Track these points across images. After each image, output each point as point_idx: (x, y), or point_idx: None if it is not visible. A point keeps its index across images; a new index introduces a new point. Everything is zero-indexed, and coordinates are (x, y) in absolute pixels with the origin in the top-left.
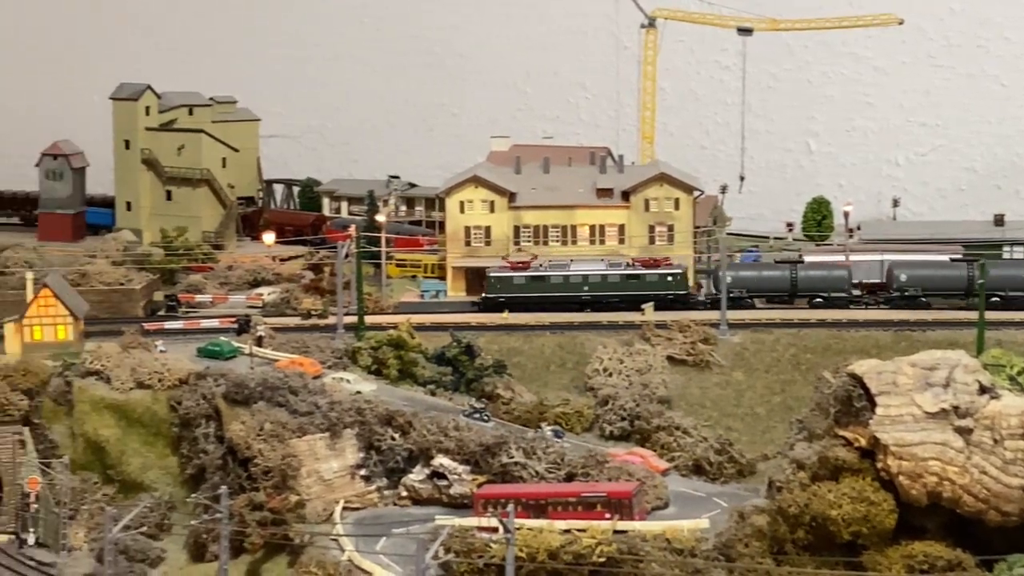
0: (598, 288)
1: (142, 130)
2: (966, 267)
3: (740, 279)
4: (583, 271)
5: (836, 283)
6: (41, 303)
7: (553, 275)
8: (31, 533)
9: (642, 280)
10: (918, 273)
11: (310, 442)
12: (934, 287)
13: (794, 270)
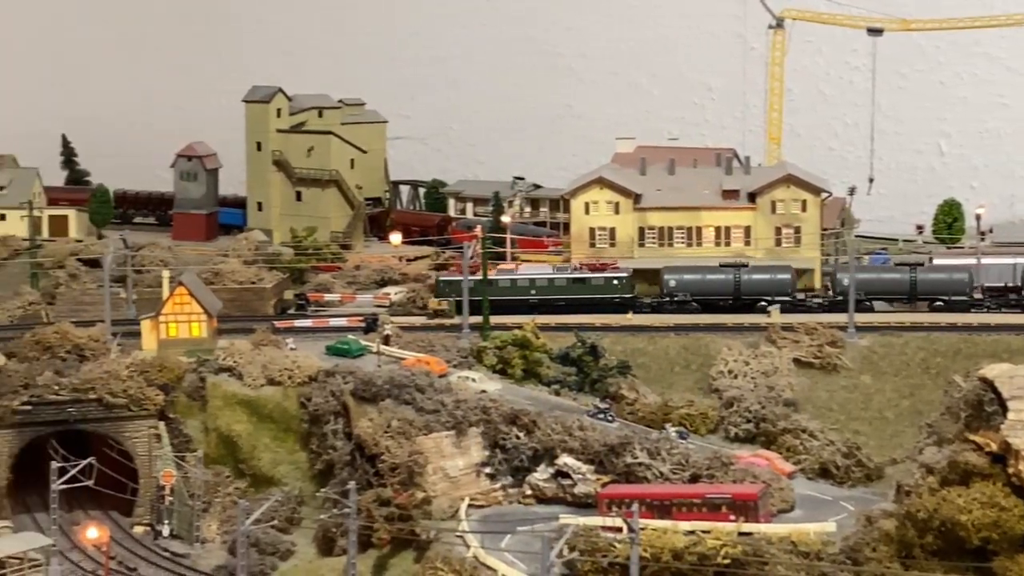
0: (545, 291)
1: (273, 132)
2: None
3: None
4: (530, 275)
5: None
6: (176, 301)
7: (501, 279)
8: (166, 525)
9: (588, 284)
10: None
11: (436, 440)
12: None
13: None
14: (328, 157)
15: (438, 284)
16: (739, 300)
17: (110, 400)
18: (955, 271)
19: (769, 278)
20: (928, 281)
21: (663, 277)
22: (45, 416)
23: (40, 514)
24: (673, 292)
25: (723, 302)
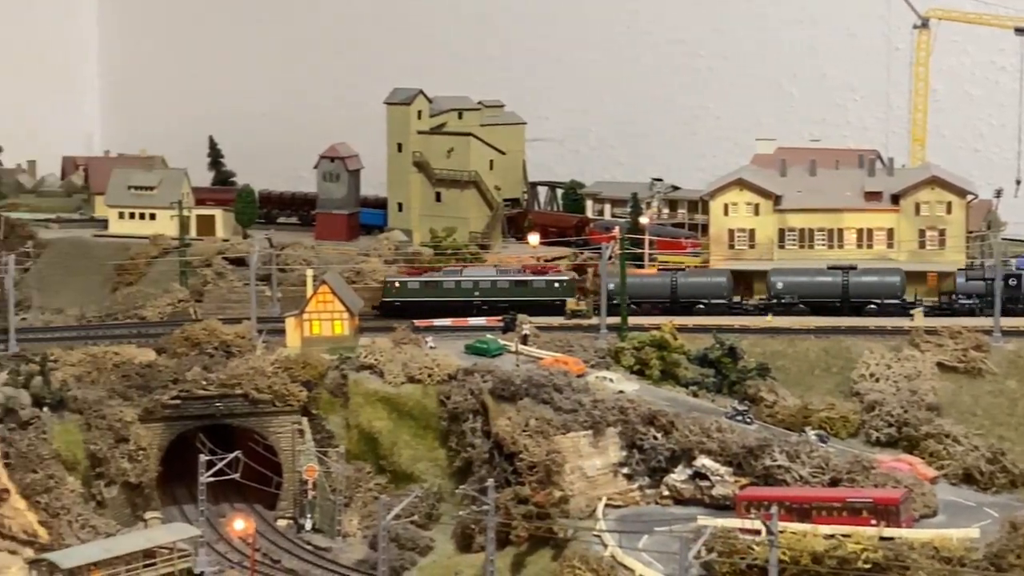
0: (488, 293)
1: (414, 133)
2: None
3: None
4: (474, 277)
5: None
6: (319, 299)
7: (446, 280)
8: (308, 519)
9: (529, 286)
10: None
11: (574, 439)
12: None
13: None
14: (467, 158)
15: (385, 286)
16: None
17: (255, 396)
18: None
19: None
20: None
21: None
22: (193, 410)
23: (187, 506)
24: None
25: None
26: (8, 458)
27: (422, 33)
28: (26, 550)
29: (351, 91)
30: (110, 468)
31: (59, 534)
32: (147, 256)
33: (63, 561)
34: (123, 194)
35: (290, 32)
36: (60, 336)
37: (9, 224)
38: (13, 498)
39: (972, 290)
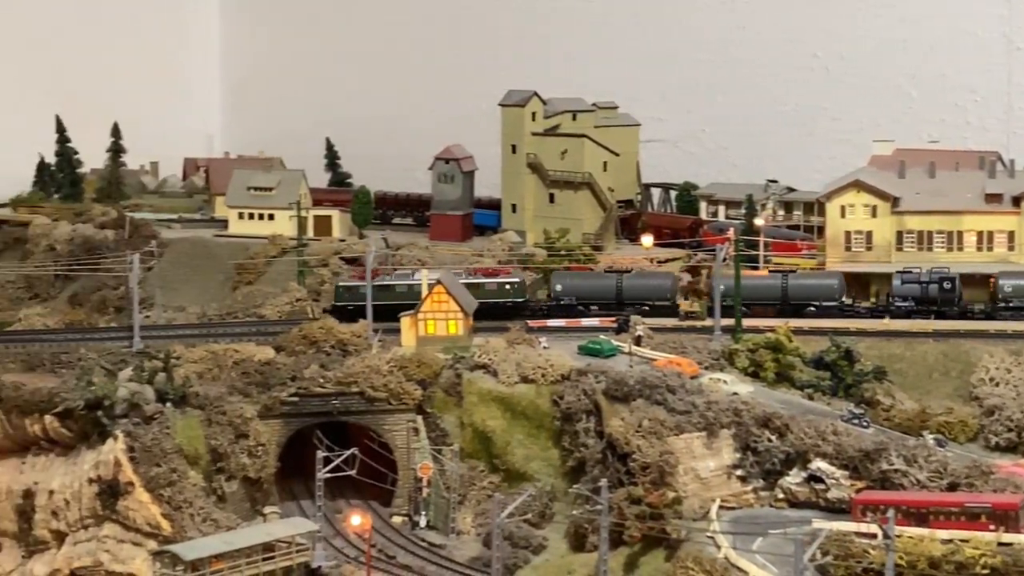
0: None
1: (528, 135)
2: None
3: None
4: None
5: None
6: (434, 299)
7: (398, 284)
8: (422, 516)
9: (482, 288)
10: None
11: (687, 440)
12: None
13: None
14: (581, 160)
15: (337, 289)
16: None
17: (371, 394)
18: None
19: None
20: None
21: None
22: (311, 408)
23: (305, 501)
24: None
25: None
26: (133, 452)
27: (537, 35)
28: (150, 542)
29: (466, 93)
30: (230, 463)
31: (181, 527)
32: (266, 256)
33: (186, 553)
34: (243, 195)
35: (406, 34)
36: (182, 334)
37: (133, 224)
38: (137, 491)
39: (908, 293)
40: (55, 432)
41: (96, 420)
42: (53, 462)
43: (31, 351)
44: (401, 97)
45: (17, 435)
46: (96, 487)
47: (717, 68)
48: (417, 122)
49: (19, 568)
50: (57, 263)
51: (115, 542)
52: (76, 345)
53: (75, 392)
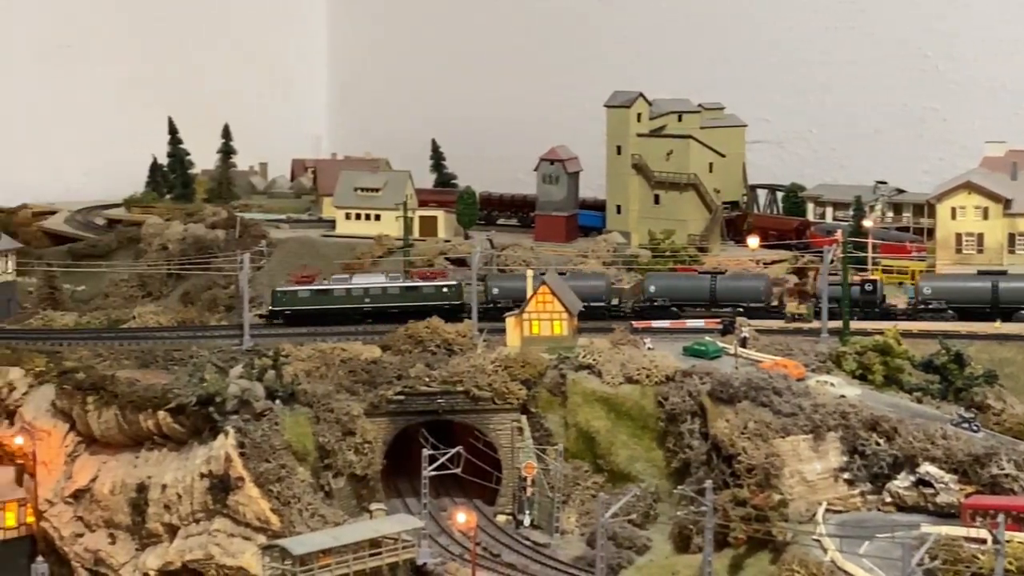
0: (379, 300)
1: (633, 136)
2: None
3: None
4: (364, 284)
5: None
6: (539, 299)
7: (335, 288)
8: (527, 515)
9: (419, 292)
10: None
11: (793, 443)
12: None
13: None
14: (687, 161)
15: (274, 295)
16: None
17: (476, 393)
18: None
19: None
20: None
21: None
22: (416, 406)
23: (410, 499)
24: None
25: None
26: (243, 448)
27: (643, 35)
28: (259, 536)
29: (571, 94)
30: (338, 460)
31: (290, 522)
32: (372, 256)
33: (295, 548)
34: (350, 195)
35: (512, 35)
36: (291, 332)
37: (243, 224)
38: (247, 486)
39: (832, 295)
40: (168, 428)
41: (208, 416)
42: (166, 457)
43: (145, 348)
44: (506, 98)
45: (131, 430)
46: (207, 482)
47: (826, 68)
48: (522, 123)
49: (132, 560)
50: (169, 262)
51: (225, 536)
52: (188, 343)
53: (187, 388)
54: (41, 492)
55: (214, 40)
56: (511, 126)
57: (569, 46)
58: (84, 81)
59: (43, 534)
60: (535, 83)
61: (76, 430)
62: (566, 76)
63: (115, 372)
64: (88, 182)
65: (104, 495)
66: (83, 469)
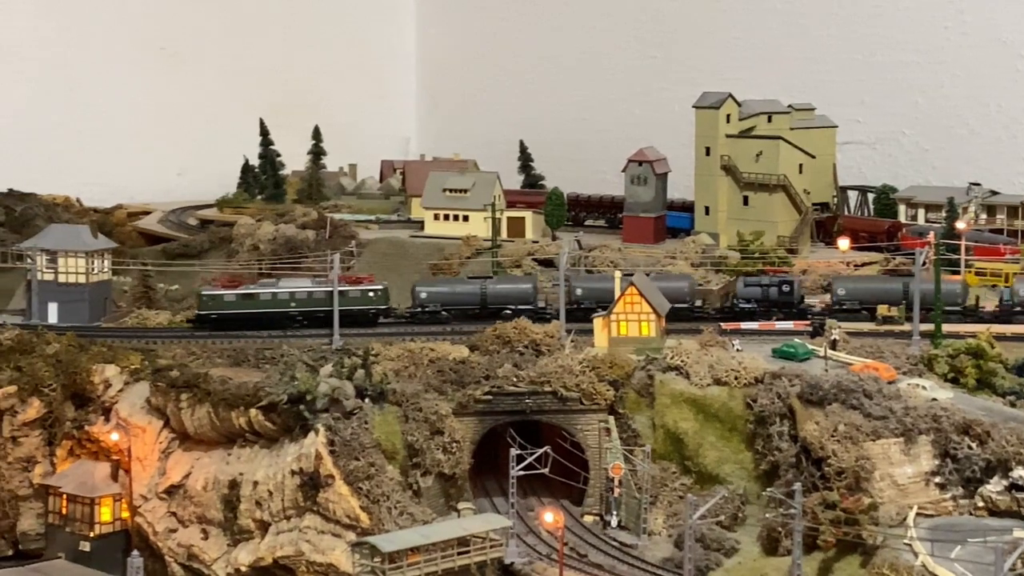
0: (305, 304)
1: (722, 137)
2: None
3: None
4: (290, 288)
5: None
6: (627, 300)
7: (262, 292)
8: (614, 516)
9: (345, 296)
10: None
11: (884, 446)
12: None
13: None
14: (776, 162)
15: (200, 298)
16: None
17: (564, 393)
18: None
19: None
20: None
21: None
22: (504, 406)
23: (497, 498)
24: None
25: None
26: (333, 446)
27: (732, 36)
28: (349, 533)
29: (659, 95)
30: (426, 459)
31: (379, 519)
32: (460, 256)
33: (384, 545)
34: (438, 196)
35: (599, 37)
36: (380, 332)
37: (333, 225)
38: (337, 484)
39: (751, 295)
40: (259, 425)
41: (298, 414)
42: (257, 454)
43: (236, 347)
44: (595, 99)
45: (223, 427)
46: (298, 479)
47: (919, 69)
48: (610, 124)
49: (224, 556)
50: (260, 262)
51: (316, 532)
52: (279, 342)
53: (279, 387)
54: (135, 488)
55: (305, 43)
56: (599, 127)
57: (658, 46)
58: (179, 84)
59: (137, 529)
60: (623, 84)
61: (170, 427)
62: (655, 77)
63: (208, 370)
64: (181, 183)
65: (197, 491)
66: (176, 465)
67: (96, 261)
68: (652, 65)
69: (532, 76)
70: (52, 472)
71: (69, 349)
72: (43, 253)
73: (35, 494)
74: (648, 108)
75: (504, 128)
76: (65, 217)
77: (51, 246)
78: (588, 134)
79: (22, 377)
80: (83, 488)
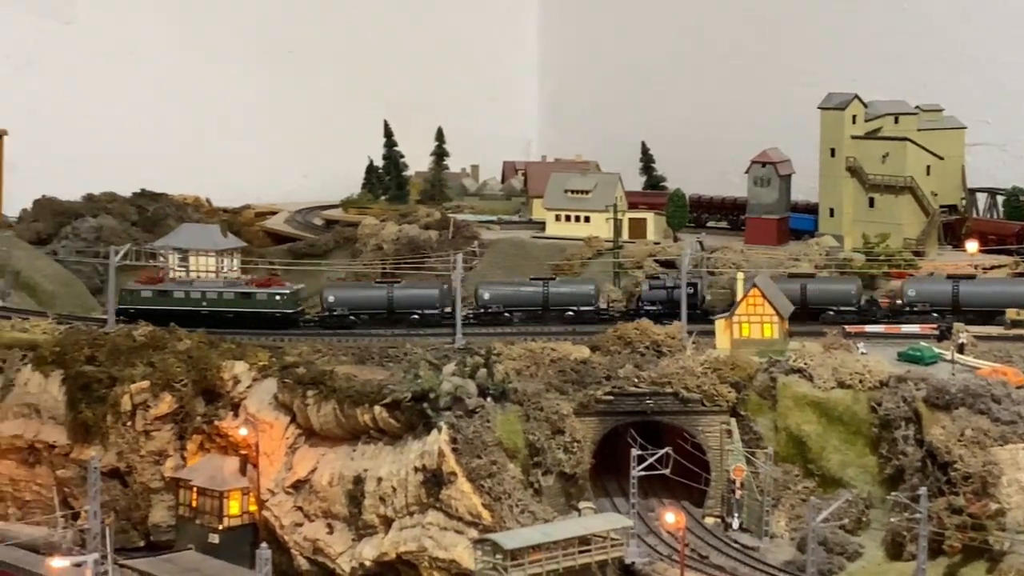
0: (215, 304)
1: (848, 138)
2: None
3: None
4: (202, 288)
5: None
6: (750, 302)
7: (175, 290)
8: (736, 518)
9: (252, 298)
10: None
11: (1012, 451)
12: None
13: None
14: (903, 163)
15: (121, 293)
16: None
17: (685, 395)
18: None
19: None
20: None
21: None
22: (625, 406)
23: (617, 499)
24: None
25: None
26: (456, 443)
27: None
28: (470, 531)
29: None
30: (547, 458)
31: (500, 517)
32: (582, 257)
33: (506, 542)
34: (560, 198)
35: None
36: (502, 332)
37: (456, 225)
38: (460, 481)
39: (655, 298)
40: (383, 422)
41: (422, 412)
42: (381, 451)
43: (361, 345)
44: (717, 100)
45: (348, 424)
46: (421, 476)
47: None
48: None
49: (349, 550)
50: (384, 262)
51: (438, 529)
52: (402, 340)
53: (402, 385)
54: (263, 482)
55: (428, 45)
56: (721, 128)
57: (781, 47)
58: (304, 86)
59: (264, 523)
60: (746, 85)
61: (296, 423)
62: (778, 77)
63: (333, 367)
64: (307, 184)
65: (322, 486)
66: (303, 461)
67: (226, 260)
68: (776, 65)
69: (655, 77)
70: (183, 466)
71: (200, 346)
72: (175, 252)
73: (166, 487)
74: (772, 109)
75: (626, 129)
76: (195, 217)
77: (182, 245)
78: (711, 135)
79: (154, 373)
80: (212, 482)
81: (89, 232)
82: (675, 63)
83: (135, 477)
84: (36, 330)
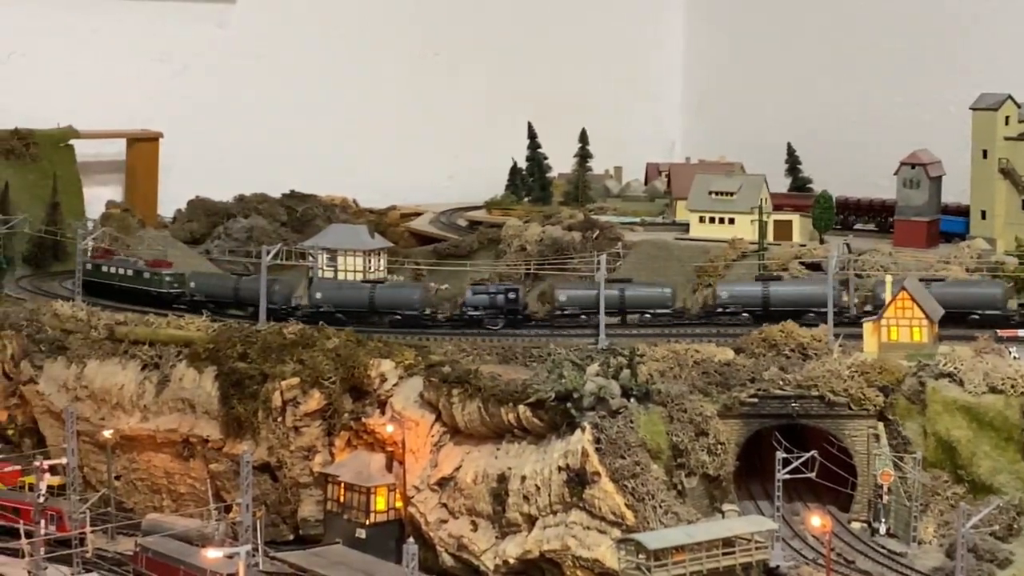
0: (123, 280)
1: (1000, 140)
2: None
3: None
4: (118, 266)
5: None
6: (898, 305)
7: (106, 266)
8: (882, 523)
9: (141, 277)
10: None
11: None
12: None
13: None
14: None
15: (85, 266)
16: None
17: (831, 398)
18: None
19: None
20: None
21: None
22: (769, 409)
23: (761, 502)
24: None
25: None
26: (599, 444)
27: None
28: (613, 530)
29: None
30: (690, 459)
31: (644, 518)
32: (726, 259)
33: (650, 542)
34: (704, 199)
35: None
36: (644, 333)
37: (599, 227)
38: (603, 481)
39: (478, 303)
40: (527, 421)
41: (565, 411)
42: (525, 449)
43: (505, 344)
44: (864, 101)
45: (493, 422)
46: (564, 475)
47: None
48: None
49: (493, 548)
50: (527, 263)
51: (581, 528)
52: (546, 340)
53: (546, 384)
54: (409, 479)
55: (572, 46)
56: (869, 130)
57: (932, 46)
58: (450, 88)
59: (410, 519)
60: (895, 85)
61: (441, 421)
62: (928, 78)
63: (478, 367)
64: (451, 185)
65: (467, 484)
66: (447, 458)
67: (373, 260)
68: (926, 65)
69: (801, 78)
70: (331, 461)
71: (348, 344)
72: (324, 251)
73: (315, 482)
74: (922, 110)
75: (771, 130)
76: (342, 217)
77: (331, 245)
78: (858, 136)
79: (304, 370)
80: (360, 477)
81: (240, 232)
82: (822, 62)
83: (285, 472)
84: (191, 327)
